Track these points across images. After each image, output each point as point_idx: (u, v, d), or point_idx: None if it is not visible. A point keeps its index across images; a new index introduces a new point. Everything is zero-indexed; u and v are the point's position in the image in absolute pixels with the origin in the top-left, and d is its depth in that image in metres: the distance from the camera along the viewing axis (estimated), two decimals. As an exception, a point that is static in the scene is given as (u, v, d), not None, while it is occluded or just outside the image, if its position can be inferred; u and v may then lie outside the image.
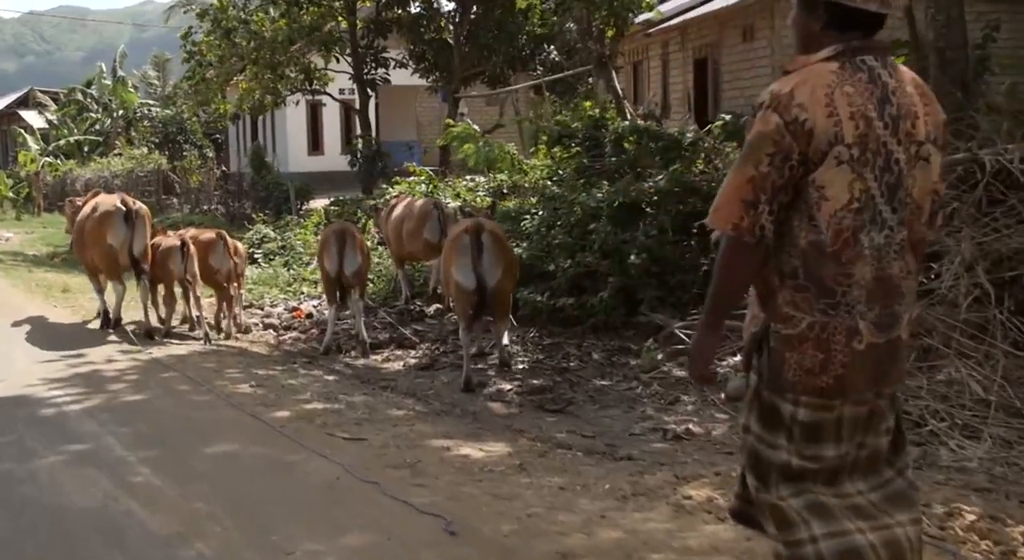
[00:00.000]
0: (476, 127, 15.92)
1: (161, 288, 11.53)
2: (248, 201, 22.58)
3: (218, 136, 33.66)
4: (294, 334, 11.56)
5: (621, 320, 10.85)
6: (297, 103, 24.88)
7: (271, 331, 11.83)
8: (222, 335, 11.16)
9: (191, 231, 12.61)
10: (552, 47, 20.46)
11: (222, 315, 11.57)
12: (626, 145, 13.11)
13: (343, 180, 25.84)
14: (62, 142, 34.41)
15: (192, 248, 11.28)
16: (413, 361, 10.07)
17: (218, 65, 22.39)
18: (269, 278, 14.62)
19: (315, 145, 31.02)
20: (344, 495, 5.30)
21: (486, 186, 16.91)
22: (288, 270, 15.18)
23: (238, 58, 21.41)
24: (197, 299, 11.31)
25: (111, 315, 11.39)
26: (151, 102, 38.12)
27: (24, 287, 14.52)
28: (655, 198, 11.73)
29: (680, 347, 9.67)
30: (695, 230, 11.30)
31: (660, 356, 9.61)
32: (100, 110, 37.03)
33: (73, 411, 7.17)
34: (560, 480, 5.65)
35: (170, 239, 11.61)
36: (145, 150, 27.84)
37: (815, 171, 3.06)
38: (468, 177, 17.78)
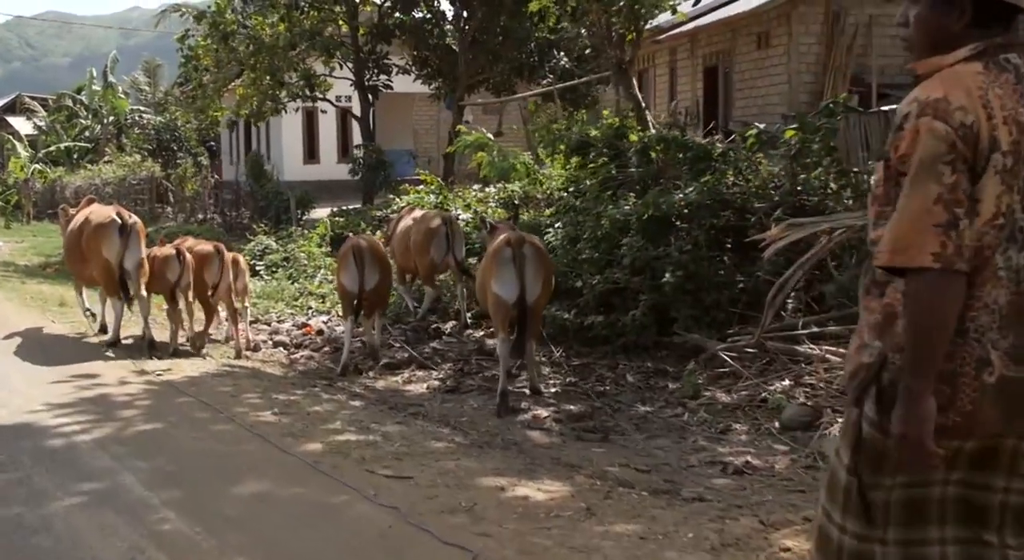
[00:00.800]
0: (490, 135, 15.35)
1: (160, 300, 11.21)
2: (246, 210, 21.94)
3: (212, 143, 32.97)
4: (306, 352, 10.99)
5: (652, 340, 10.34)
6: (297, 109, 24.25)
7: (281, 349, 11.25)
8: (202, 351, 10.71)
9: (188, 241, 11.99)
10: (562, 54, 19.89)
11: (209, 332, 11.17)
12: (652, 155, 12.60)
13: (340, 189, 25.28)
14: (52, 149, 33.65)
15: (189, 258, 10.85)
16: (437, 383, 9.52)
17: (215, 70, 21.77)
18: (274, 292, 14.03)
19: (311, 153, 30.40)
20: (400, 546, 4.72)
21: (496, 196, 16.36)
22: (293, 283, 14.57)
23: (236, 63, 20.78)
24: (190, 311, 11.00)
25: (112, 332, 10.93)
26: (142, 108, 37.41)
27: (18, 300, 13.88)
28: (686, 211, 11.23)
29: (723, 370, 9.19)
30: (729, 245, 10.82)
31: (701, 380, 9.11)
32: (90, 116, 36.30)
33: (84, 442, 6.57)
34: (636, 527, 5.09)
35: (166, 248, 11.20)
36: (138, 157, 27.15)
37: (977, 182, 2.67)
38: (475, 186, 17.23)
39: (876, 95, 18.71)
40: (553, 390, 9.13)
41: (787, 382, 8.68)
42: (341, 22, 22.48)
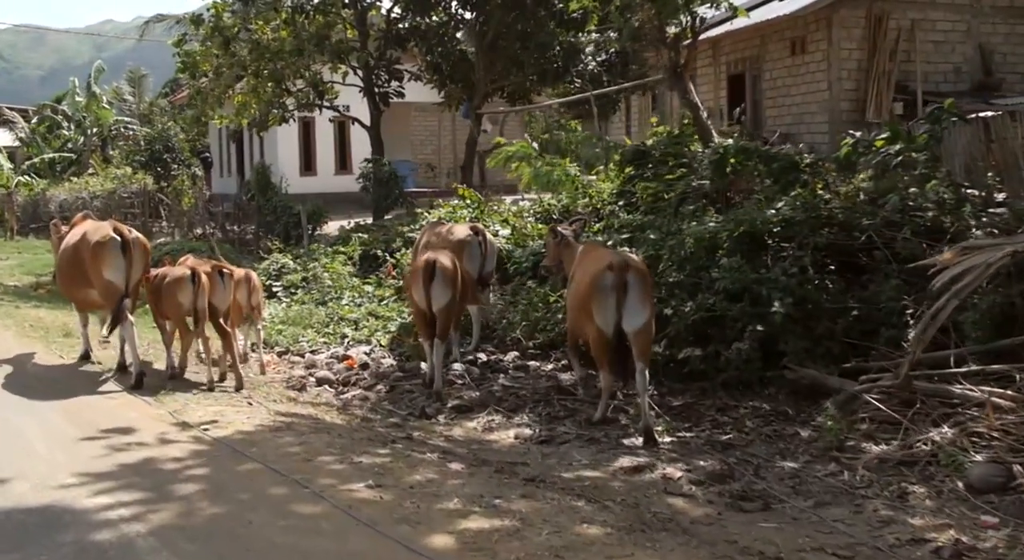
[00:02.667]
0: (535, 144, 13.81)
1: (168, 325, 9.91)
2: (249, 225, 20.21)
3: (207, 154, 31.10)
4: (357, 392, 9.40)
5: (757, 375, 8.86)
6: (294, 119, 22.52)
7: (327, 388, 9.61)
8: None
9: (189, 260, 10.38)
10: (591, 58, 18.34)
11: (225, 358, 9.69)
12: (729, 166, 11.12)
13: (339, 202, 23.57)
14: (36, 160, 31.56)
15: (205, 279, 9.49)
16: (525, 431, 7.99)
17: (214, 77, 20.06)
18: (300, 317, 12.36)
19: (307, 165, 28.64)
20: None
21: (532, 210, 14.81)
22: (321, 307, 12.92)
23: (238, 69, 19.07)
24: (206, 338, 9.56)
25: (128, 360, 9.53)
26: (127, 119, 35.47)
27: (16, 329, 12.13)
28: (777, 229, 9.77)
29: (865, 415, 7.71)
30: (831, 266, 9.36)
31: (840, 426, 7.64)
32: (73, 127, 34.30)
33: (139, 536, 4.94)
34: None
35: (178, 269, 9.76)
36: (128, 169, 25.31)
37: None
38: (507, 199, 15.66)
39: (921, 102, 17.39)
40: (668, 440, 7.61)
41: (946, 429, 7.22)
42: (347, 27, 20.83)
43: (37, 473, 6.00)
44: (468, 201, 14.18)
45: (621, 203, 13.08)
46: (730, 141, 11.01)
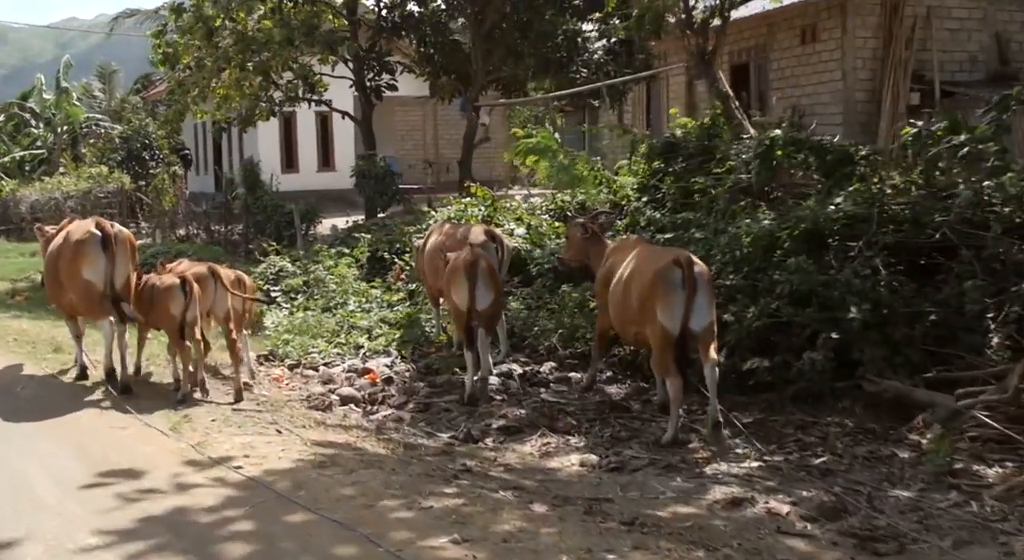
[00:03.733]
0: (557, 136, 12.82)
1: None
2: (237, 225, 19.06)
3: (187, 152, 29.75)
4: (388, 412, 8.40)
5: (828, 386, 8.01)
6: (291, 112, 21.37)
7: (352, 407, 8.61)
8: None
9: (183, 264, 9.55)
10: (597, 47, 17.30)
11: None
12: (776, 159, 10.22)
13: (321, 201, 22.41)
14: (6, 159, 30.03)
15: (195, 287, 8.66)
16: (591, 457, 7.04)
17: (196, 70, 18.87)
18: (307, 326, 11.31)
19: (289, 162, 27.42)
20: None
21: (545, 207, 13.85)
22: (327, 314, 11.88)
23: (222, 60, 17.90)
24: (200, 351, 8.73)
25: (114, 369, 8.66)
26: (98, 116, 33.95)
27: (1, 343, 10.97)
28: (840, 226, 8.90)
29: (974, 435, 6.88)
30: (900, 267, 8.49)
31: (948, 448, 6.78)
32: (42, 125, 32.77)
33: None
34: None
35: (168, 276, 8.94)
36: (104, 168, 23.99)
37: None
38: (516, 195, 14.68)
39: (939, 93, 16.62)
40: (756, 465, 6.70)
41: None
42: (332, 18, 19.73)
43: (50, 531, 4.96)
44: (479, 198, 13.15)
45: (645, 199, 12.15)
46: (778, 132, 10.08)
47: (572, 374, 9.32)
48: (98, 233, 8.94)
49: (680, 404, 7.35)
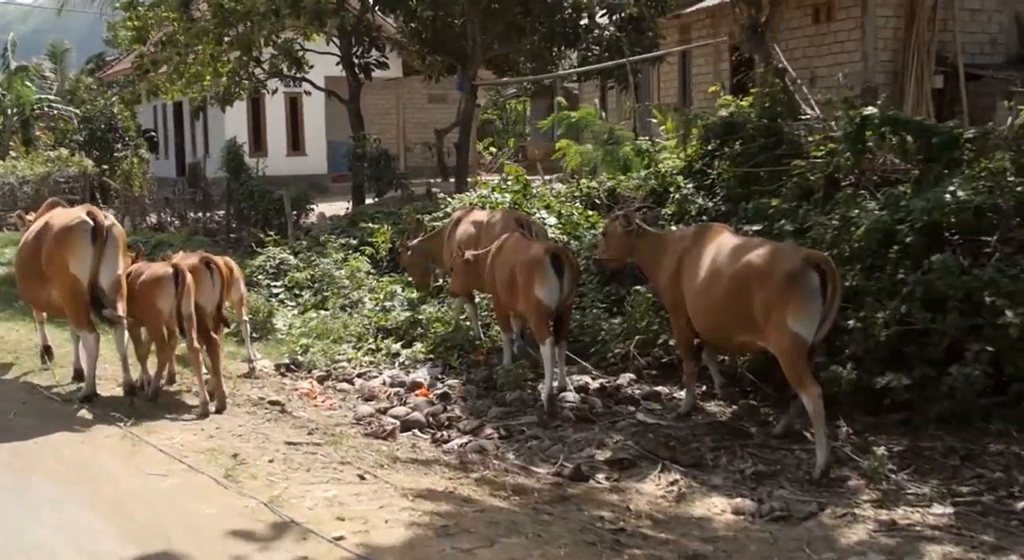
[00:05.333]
0: (603, 112, 11.28)
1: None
2: (213, 212, 17.19)
3: (153, 134, 27.47)
4: (461, 438, 6.80)
5: (975, 406, 6.67)
6: (275, 91, 19.38)
7: (416, 432, 7.00)
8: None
9: (178, 255, 8.30)
10: (608, 21, 15.69)
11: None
12: (867, 141, 8.81)
13: (291, 187, 20.61)
14: (-46, 142, 27.53)
15: (189, 279, 7.52)
16: (744, 502, 5.56)
17: (168, 45, 16.89)
18: (326, 329, 9.64)
19: (257, 145, 25.38)
20: None
21: (571, 193, 12.30)
22: (344, 314, 10.22)
23: (201, 34, 15.95)
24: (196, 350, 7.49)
25: (86, 381, 7.52)
26: (51, 97, 31.37)
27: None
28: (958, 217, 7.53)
29: None
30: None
31: None
32: (-10, 107, 30.23)
33: None
34: None
35: (159, 266, 7.72)
36: (64, 151, 21.81)
37: None
38: (535, 181, 13.12)
39: (964, 76, 15.42)
40: (948, 510, 5.31)
41: None
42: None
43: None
44: (515, 182, 11.57)
45: (692, 185, 10.67)
46: (872, 109, 8.67)
47: (660, 389, 7.85)
48: (89, 221, 7.56)
49: (823, 421, 5.96)
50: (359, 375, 8.62)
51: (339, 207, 17.84)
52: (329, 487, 5.15)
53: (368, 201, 17.67)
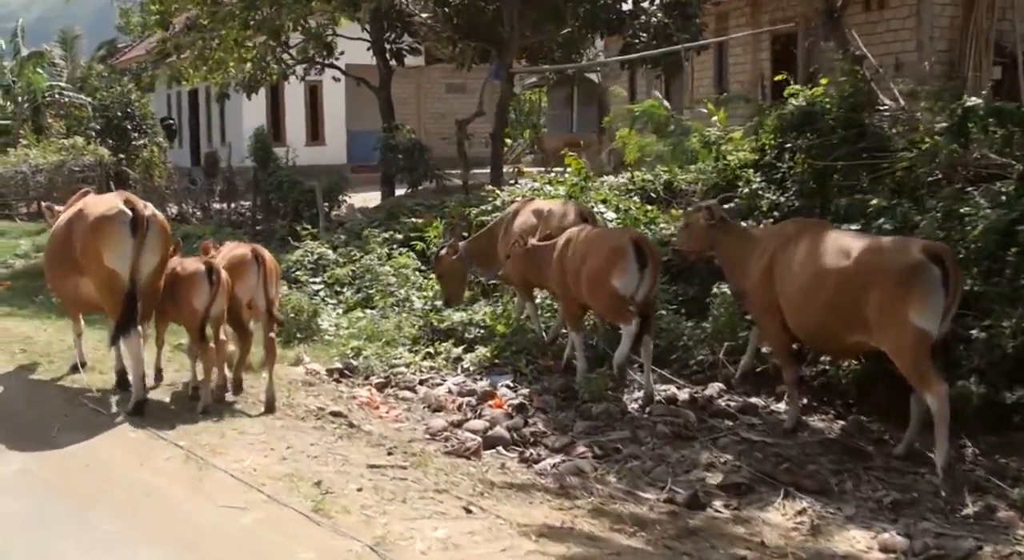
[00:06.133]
0: (666, 103, 10.58)
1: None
2: (238, 203, 16.49)
3: (171, 121, 26.67)
4: (552, 457, 6.14)
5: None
6: (302, 78, 18.64)
7: (500, 450, 6.33)
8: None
9: (224, 248, 7.77)
10: (655, 5, 14.91)
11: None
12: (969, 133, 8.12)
13: (309, 177, 19.90)
14: (-35, 130, 26.72)
15: (224, 275, 7.03)
16: (893, 538, 4.93)
17: (191, 30, 16.17)
18: (376, 330, 8.96)
19: (276, 135, 24.58)
20: None
21: (625, 187, 11.60)
22: (394, 313, 9.54)
23: (227, 18, 15.23)
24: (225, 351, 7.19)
25: (134, 389, 6.72)
26: (62, 84, 30.59)
27: (2, 357, 8.38)
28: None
29: None
30: None
31: None
32: (1, 94, 29.33)
33: None
34: None
35: (191, 261, 7.23)
36: (79, 139, 21.06)
37: None
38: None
39: (1023, 66, 14.71)
40: None
41: None
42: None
43: None
44: (577, 174, 10.88)
45: (760, 178, 9.99)
46: (977, 100, 7.99)
47: (755, 400, 7.18)
48: (127, 211, 6.85)
49: (948, 422, 5.51)
50: (421, 382, 7.94)
51: (362, 198, 17.14)
52: (435, 523, 4.47)
53: (398, 193, 16.96)
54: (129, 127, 20.74)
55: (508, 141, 38.53)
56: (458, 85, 30.18)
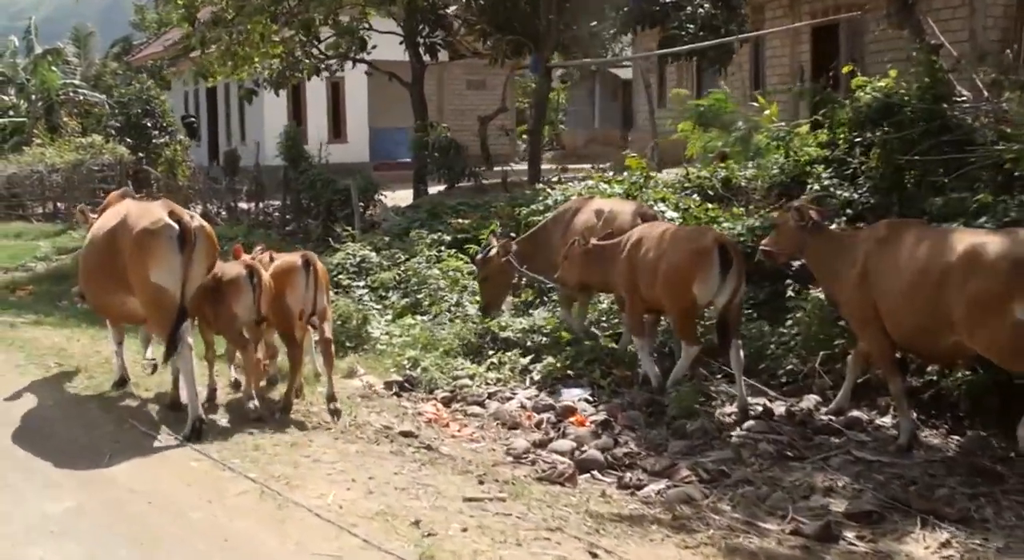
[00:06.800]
0: (733, 93, 10.01)
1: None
2: (264, 202, 15.93)
3: (193, 119, 26.09)
4: (654, 482, 5.57)
5: None
6: (335, 72, 18.01)
7: (595, 474, 5.80)
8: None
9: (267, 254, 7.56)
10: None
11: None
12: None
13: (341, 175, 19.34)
14: (-21, 130, 26.14)
15: (266, 278, 6.74)
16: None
17: (221, 25, 15.59)
18: (432, 339, 8.40)
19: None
20: None
21: (681, 184, 11.02)
22: (453, 320, 8.99)
23: (254, 12, 14.67)
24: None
25: (190, 410, 6.20)
26: (76, 82, 30.03)
27: (33, 370, 7.81)
28: None
29: None
30: None
31: None
32: (14, 92, 28.82)
33: None
34: None
35: (231, 266, 6.84)
36: (97, 137, 20.52)
37: None
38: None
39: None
40: None
41: None
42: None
43: None
44: (637, 173, 10.34)
45: (830, 174, 9.41)
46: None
47: (858, 414, 6.61)
48: (174, 225, 6.43)
49: None
50: (489, 396, 7.37)
51: (390, 197, 16.56)
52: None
53: (433, 191, 16.40)
54: (149, 125, 20.17)
55: (525, 137, 38.03)
56: (478, 81, 29.66)
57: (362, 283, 10.43)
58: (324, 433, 6.08)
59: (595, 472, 5.78)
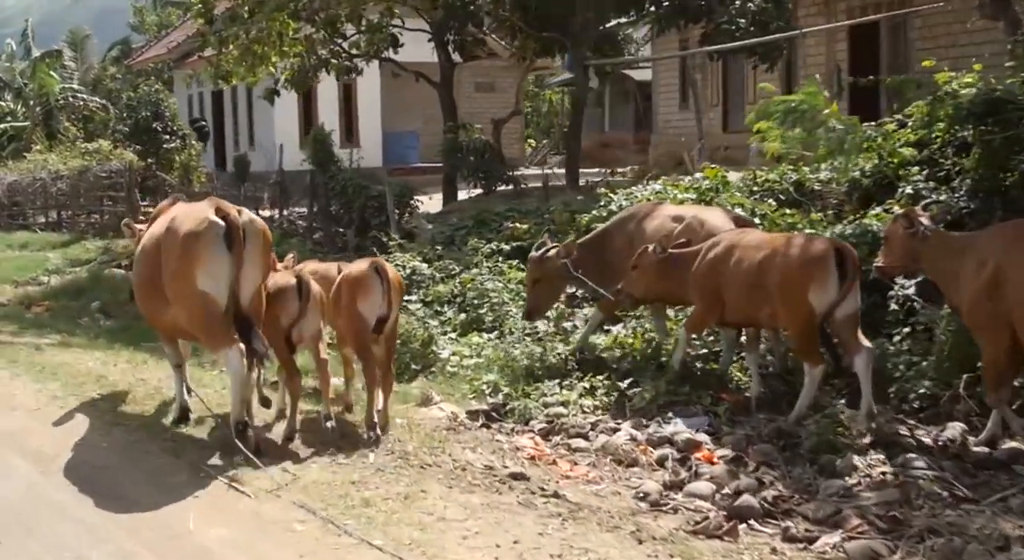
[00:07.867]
0: (827, 93, 9.26)
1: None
2: (294, 209, 15.10)
3: (203, 123, 25.14)
4: (826, 535, 4.84)
5: None
6: (360, 72, 17.18)
7: (752, 524, 5.04)
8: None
9: (310, 265, 7.24)
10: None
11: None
12: None
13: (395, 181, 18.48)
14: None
15: (316, 288, 6.31)
16: None
17: (239, 23, 14.77)
18: (509, 360, 7.61)
19: (308, 136, 23.26)
20: None
21: (748, 188, 10.29)
22: (524, 339, 8.20)
23: (273, 10, 13.85)
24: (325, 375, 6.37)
25: (245, 423, 5.81)
26: (75, 86, 29.00)
27: (70, 398, 6.95)
28: None
29: None
30: None
31: None
32: (11, 97, 27.82)
33: None
34: None
35: (280, 275, 6.46)
36: (105, 143, 19.59)
37: None
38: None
39: None
40: None
41: None
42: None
43: None
44: (712, 180, 9.64)
45: (922, 176, 8.71)
46: None
47: (1016, 444, 5.86)
48: (219, 222, 5.90)
49: None
50: (592, 427, 6.58)
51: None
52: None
53: (461, 196, 15.61)
54: (159, 129, 19.30)
55: (531, 142, 37.31)
56: (487, 84, 28.98)
57: (414, 297, 9.65)
58: (431, 478, 5.27)
59: (752, 521, 5.01)
